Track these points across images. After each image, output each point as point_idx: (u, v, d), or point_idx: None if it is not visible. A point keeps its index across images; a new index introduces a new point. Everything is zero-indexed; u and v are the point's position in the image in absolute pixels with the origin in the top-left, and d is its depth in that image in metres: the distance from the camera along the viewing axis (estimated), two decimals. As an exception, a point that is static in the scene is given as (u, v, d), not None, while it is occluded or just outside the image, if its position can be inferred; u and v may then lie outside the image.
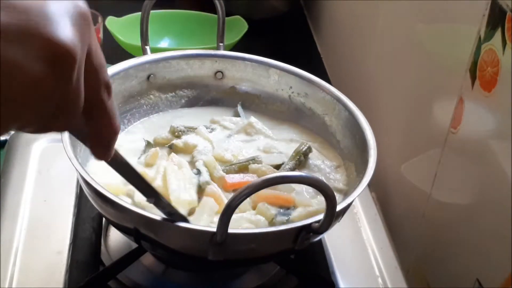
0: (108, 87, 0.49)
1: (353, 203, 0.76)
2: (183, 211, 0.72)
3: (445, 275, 0.86)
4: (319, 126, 0.89)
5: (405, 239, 0.96)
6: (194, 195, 0.75)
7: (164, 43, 1.32)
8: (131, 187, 0.70)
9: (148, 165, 0.80)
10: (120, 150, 0.58)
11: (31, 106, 0.42)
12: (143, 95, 0.89)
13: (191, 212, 0.74)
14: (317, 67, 1.36)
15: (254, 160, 0.81)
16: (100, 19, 1.08)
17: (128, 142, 0.84)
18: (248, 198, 0.61)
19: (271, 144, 0.86)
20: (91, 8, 1.18)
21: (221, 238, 0.63)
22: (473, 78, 0.78)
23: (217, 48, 0.92)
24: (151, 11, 0.89)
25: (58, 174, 0.91)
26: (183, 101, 0.91)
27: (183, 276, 0.81)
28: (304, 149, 0.83)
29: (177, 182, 0.75)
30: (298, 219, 0.74)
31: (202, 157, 0.80)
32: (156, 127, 0.87)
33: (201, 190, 0.76)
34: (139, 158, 0.82)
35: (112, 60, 0.90)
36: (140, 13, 0.89)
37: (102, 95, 0.48)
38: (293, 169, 0.82)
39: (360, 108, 0.84)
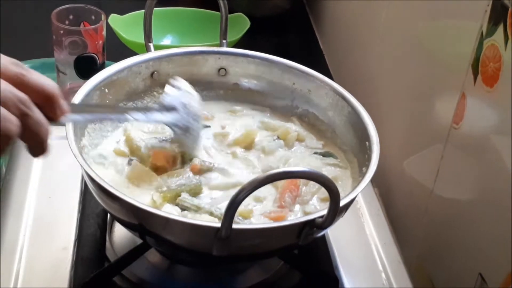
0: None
1: (356, 199, 0.76)
2: None
3: (447, 270, 0.87)
4: (322, 122, 0.89)
5: (407, 234, 0.96)
6: None
7: (167, 41, 1.33)
8: None
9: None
10: None
11: None
12: (146, 92, 0.89)
13: None
14: (319, 64, 1.36)
15: None
16: (103, 16, 1.09)
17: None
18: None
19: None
20: (95, 6, 1.19)
21: (226, 233, 0.63)
22: (475, 73, 0.79)
23: (220, 45, 0.92)
24: (154, 9, 0.89)
25: (62, 171, 0.92)
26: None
27: (188, 272, 0.81)
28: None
29: None
30: None
31: None
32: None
33: None
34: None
35: (115, 58, 0.91)
36: (143, 10, 0.89)
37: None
38: None
39: (363, 104, 0.84)
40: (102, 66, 1.09)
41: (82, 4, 1.10)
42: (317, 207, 0.78)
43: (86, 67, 1.08)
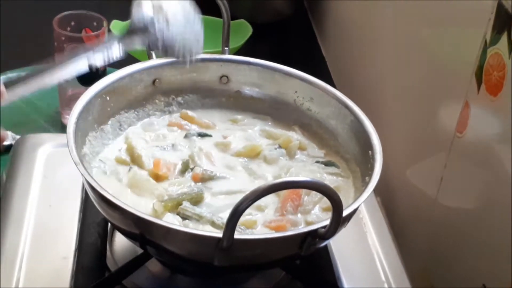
0: None
1: (359, 208, 0.75)
2: None
3: (451, 280, 0.86)
4: (325, 131, 0.89)
5: (411, 244, 0.96)
6: None
7: (168, 47, 1.32)
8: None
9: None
10: None
11: None
12: (148, 100, 0.89)
13: None
14: (322, 71, 1.36)
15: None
16: (105, 23, 1.08)
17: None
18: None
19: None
20: (96, 12, 1.18)
21: (227, 243, 0.63)
22: (479, 82, 0.78)
23: (222, 52, 0.92)
24: (156, 15, 0.89)
25: (63, 179, 0.91)
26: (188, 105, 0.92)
27: (189, 282, 0.81)
28: None
29: None
30: None
31: None
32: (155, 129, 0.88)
33: None
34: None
35: (117, 65, 0.90)
36: (145, 17, 0.89)
37: None
38: None
39: (365, 112, 0.83)
40: (104, 73, 1.09)
41: (83, 11, 1.09)
42: (320, 217, 0.77)
43: (87, 74, 1.07)
